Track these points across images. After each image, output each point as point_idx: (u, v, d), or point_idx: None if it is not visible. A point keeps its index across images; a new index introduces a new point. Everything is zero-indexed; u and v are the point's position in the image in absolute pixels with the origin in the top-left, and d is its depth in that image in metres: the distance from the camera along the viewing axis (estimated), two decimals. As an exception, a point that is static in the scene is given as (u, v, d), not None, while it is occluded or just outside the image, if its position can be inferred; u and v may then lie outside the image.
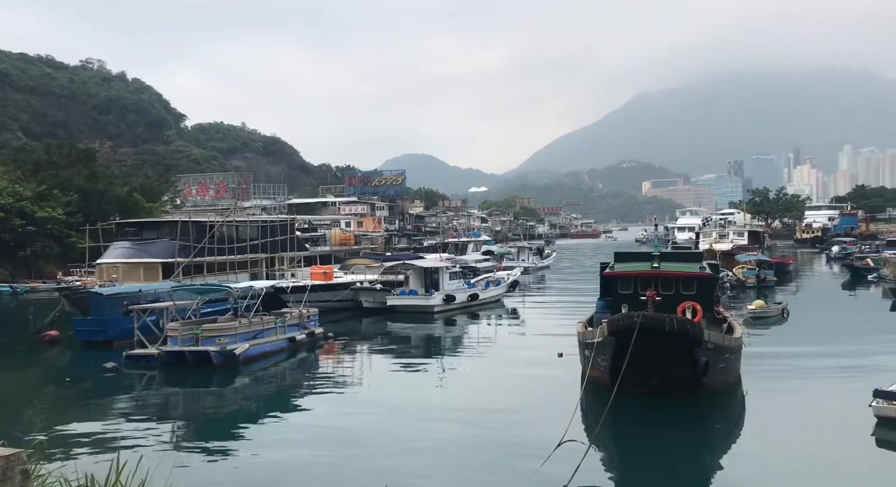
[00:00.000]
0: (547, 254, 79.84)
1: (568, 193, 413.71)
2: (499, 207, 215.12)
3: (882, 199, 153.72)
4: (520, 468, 12.26)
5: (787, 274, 53.15)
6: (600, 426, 13.79)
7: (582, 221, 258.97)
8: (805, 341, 26.83)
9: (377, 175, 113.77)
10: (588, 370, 16.72)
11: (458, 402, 18.07)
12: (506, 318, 35.92)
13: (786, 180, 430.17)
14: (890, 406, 14.65)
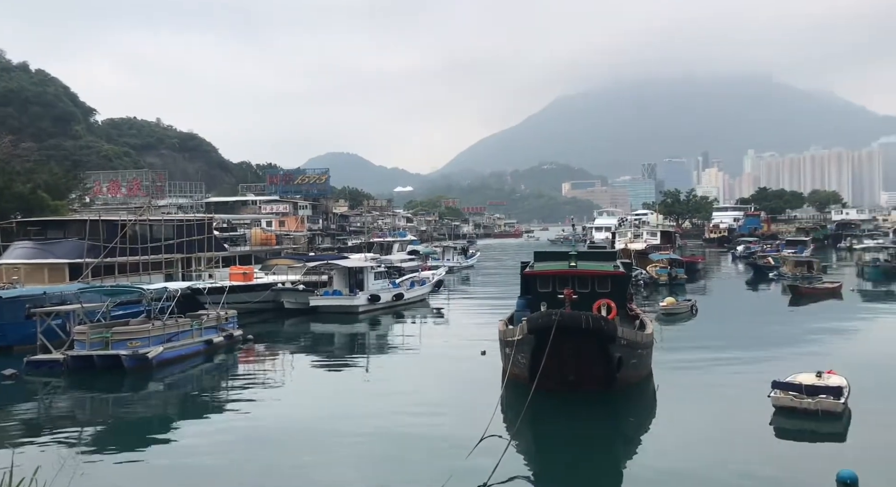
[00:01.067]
0: (471, 254, 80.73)
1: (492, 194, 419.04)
2: (424, 207, 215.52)
3: (782, 201, 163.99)
4: (443, 463, 12.42)
5: (696, 273, 55.81)
6: (520, 421, 14.14)
7: (505, 221, 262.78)
8: (712, 336, 28.29)
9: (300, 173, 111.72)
10: (509, 367, 17.10)
11: (382, 401, 18.09)
12: (430, 318, 36.12)
13: (695, 182, 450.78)
14: (786, 396, 15.69)
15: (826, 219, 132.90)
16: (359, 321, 34.07)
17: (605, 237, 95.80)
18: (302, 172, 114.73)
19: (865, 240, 73.13)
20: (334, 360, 25.47)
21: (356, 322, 33.83)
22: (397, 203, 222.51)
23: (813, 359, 20.12)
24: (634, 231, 78.84)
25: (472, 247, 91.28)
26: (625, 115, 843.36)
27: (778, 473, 12.37)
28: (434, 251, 72.85)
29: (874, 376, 19.01)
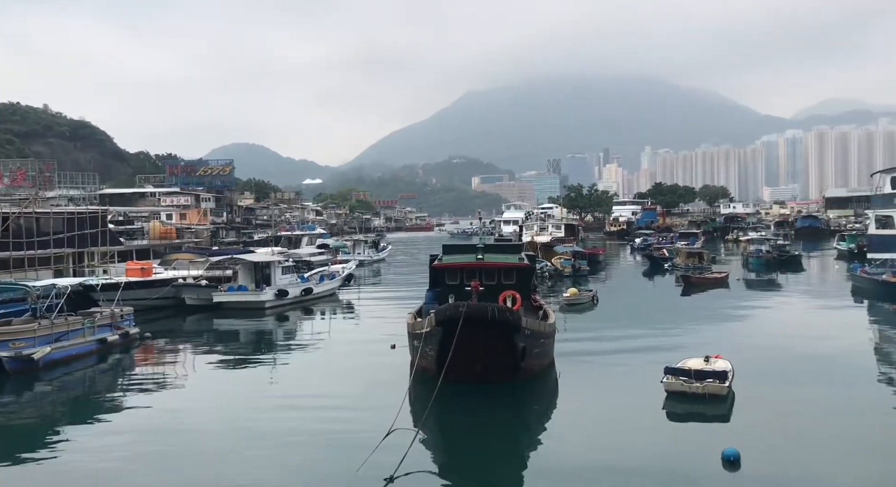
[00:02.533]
0: (382, 247, 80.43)
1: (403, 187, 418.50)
2: (334, 200, 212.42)
3: (676, 195, 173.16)
4: (349, 458, 12.40)
5: (598, 264, 58.01)
6: (427, 413, 14.33)
7: (416, 215, 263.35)
8: (611, 325, 29.56)
9: (202, 164, 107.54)
10: (417, 360, 17.27)
11: (289, 397, 17.86)
12: (341, 312, 35.82)
13: (597, 177, 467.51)
14: (676, 381, 16.68)
15: (715, 213, 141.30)
16: (266, 317, 33.32)
17: (512, 230, 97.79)
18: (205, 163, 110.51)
19: (750, 233, 78.34)
20: (239, 357, 24.82)
21: (263, 318, 33.07)
22: (306, 195, 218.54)
23: (702, 345, 21.40)
24: (540, 224, 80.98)
25: (384, 241, 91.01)
26: (531, 111, 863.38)
27: (669, 454, 13.10)
28: (344, 245, 72.08)
29: (755, 360, 20.47)
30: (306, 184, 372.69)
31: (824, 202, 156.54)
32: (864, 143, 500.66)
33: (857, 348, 23.47)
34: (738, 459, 12.14)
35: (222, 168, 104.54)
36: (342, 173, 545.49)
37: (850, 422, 14.84)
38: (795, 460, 12.63)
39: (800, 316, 32.06)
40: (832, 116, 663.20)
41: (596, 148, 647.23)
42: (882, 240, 41.55)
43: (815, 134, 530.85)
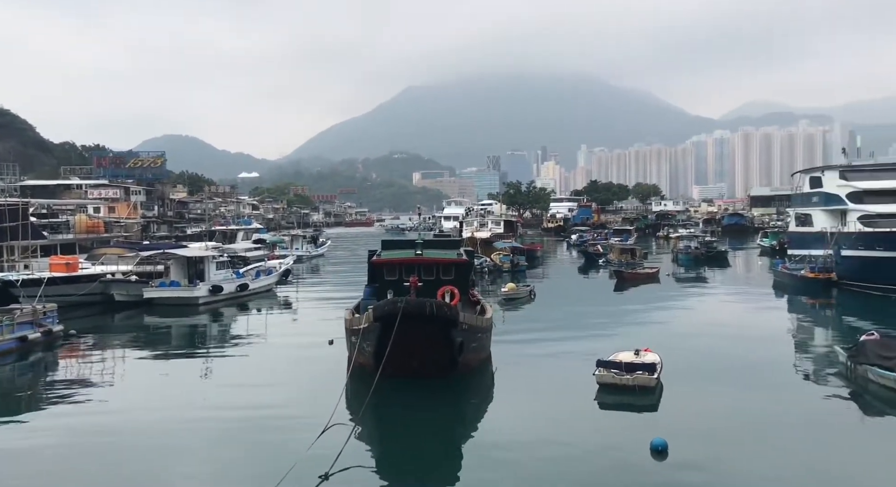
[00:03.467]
0: (321, 243, 79.58)
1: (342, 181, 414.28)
2: (271, 194, 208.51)
3: (610, 193, 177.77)
4: (285, 455, 12.28)
5: (536, 260, 59.02)
6: (364, 409, 14.32)
7: (356, 210, 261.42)
8: (547, 319, 30.19)
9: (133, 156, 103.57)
10: (354, 355, 17.23)
11: (224, 395, 17.53)
12: (277, 308, 35.28)
13: (535, 175, 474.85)
14: (608, 373, 17.19)
15: (648, 210, 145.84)
16: (199, 313, 32.51)
17: (453, 226, 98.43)
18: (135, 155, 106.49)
19: (680, 230, 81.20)
20: (171, 355, 24.17)
21: (196, 314, 32.25)
22: (242, 189, 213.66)
23: (633, 339, 22.12)
24: (480, 220, 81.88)
25: (322, 236, 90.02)
26: (472, 108, 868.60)
27: (600, 444, 13.52)
28: (282, 240, 71.00)
29: (683, 352, 21.28)
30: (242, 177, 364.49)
31: (749, 200, 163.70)
32: (786, 144, 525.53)
33: (777, 340, 24.74)
34: (666, 448, 12.61)
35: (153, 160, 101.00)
36: (280, 167, 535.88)
37: (771, 411, 15.61)
38: (720, 448, 13.19)
39: (725, 309, 33.46)
40: (757, 118, 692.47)
41: (534, 145, 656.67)
42: (801, 238, 43.81)
43: (740, 135, 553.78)
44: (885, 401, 15.93)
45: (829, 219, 39.69)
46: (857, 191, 38.31)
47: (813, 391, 17.63)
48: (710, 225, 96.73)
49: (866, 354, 17.58)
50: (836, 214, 39.41)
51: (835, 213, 39.50)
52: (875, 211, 36.64)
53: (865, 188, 38.20)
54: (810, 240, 41.14)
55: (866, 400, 16.36)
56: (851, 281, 35.32)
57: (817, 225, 40.85)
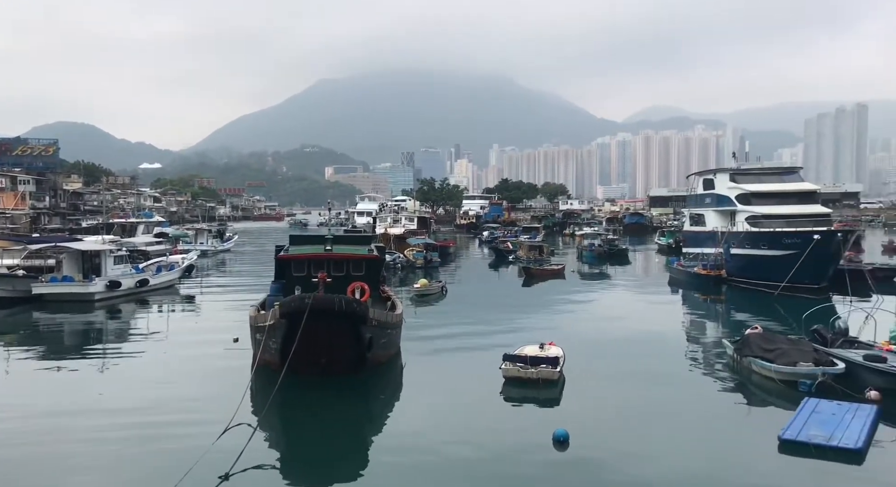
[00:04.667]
0: (228, 237, 77.17)
1: (251, 175, 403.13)
2: (175, 186, 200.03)
3: (520, 191, 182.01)
4: (184, 455, 11.87)
5: (448, 256, 59.59)
6: (268, 408, 14.05)
7: (266, 204, 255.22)
8: (458, 314, 30.53)
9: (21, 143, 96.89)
10: (259, 353, 16.86)
11: (121, 396, 16.71)
12: (180, 305, 33.96)
13: (449, 172, 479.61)
14: (513, 367, 17.64)
15: (555, 209, 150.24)
16: (95, 310, 30.83)
17: (366, 222, 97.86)
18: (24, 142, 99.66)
19: (584, 228, 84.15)
20: (64, 354, 22.82)
21: (91, 311, 30.56)
22: (143, 181, 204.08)
23: (539, 333, 22.81)
24: (394, 216, 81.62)
25: (229, 231, 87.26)
26: (386, 104, 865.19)
27: (505, 437, 13.81)
28: (186, 234, 68.36)
29: (585, 346, 22.09)
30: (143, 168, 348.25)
31: (648, 200, 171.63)
32: (683, 148, 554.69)
33: (671, 333, 26.14)
34: (567, 439, 13.10)
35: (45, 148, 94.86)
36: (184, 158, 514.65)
37: (665, 400, 16.48)
38: (618, 437, 13.81)
39: (625, 304, 34.98)
40: (657, 122, 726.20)
41: (448, 143, 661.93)
42: (695, 236, 46.41)
43: (642, 137, 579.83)
44: (766, 390, 17.15)
45: (720, 219, 42.23)
46: (746, 193, 40.94)
47: (703, 381, 18.74)
48: (613, 223, 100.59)
49: (750, 347, 18.85)
50: (726, 215, 41.97)
51: (725, 214, 42.06)
52: (761, 212, 39.29)
53: (753, 190, 40.88)
54: (703, 239, 43.64)
55: (750, 389, 17.56)
56: (739, 278, 37.73)
57: (709, 224, 43.37)
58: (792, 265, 33.57)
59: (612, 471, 12.09)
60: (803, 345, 18.44)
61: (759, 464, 12.36)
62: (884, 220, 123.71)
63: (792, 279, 33.30)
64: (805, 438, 12.89)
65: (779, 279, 33.74)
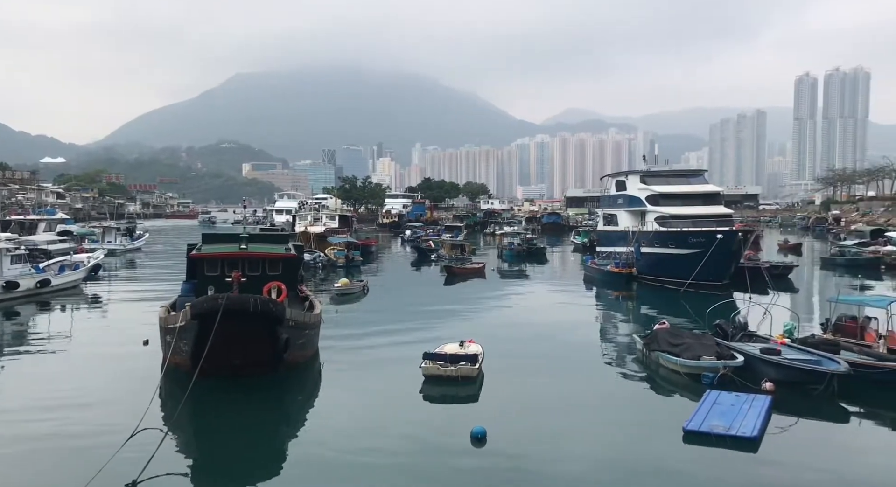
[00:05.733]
0: (138, 236, 73.88)
1: (163, 170, 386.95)
2: (80, 182, 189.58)
3: (442, 191, 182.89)
4: (88, 463, 11.31)
5: (370, 255, 59.26)
6: (179, 411, 13.58)
7: (179, 201, 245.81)
8: (379, 314, 30.42)
9: None
10: (169, 356, 16.25)
11: (21, 401, 15.80)
12: (85, 306, 32.24)
13: (371, 170, 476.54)
14: (433, 365, 17.76)
15: (476, 208, 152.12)
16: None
17: (285, 220, 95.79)
18: None
19: (505, 227, 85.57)
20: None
21: (-16, 314, 28.58)
22: (45, 176, 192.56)
23: (460, 330, 23.10)
24: (314, 214, 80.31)
25: (140, 228, 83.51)
26: (307, 100, 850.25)
27: (423, 435, 13.91)
28: (92, 232, 65.08)
29: (504, 343, 22.48)
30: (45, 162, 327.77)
31: (565, 201, 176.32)
32: (598, 150, 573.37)
33: (586, 329, 27.01)
34: (485, 436, 13.31)
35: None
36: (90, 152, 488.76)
37: (579, 394, 17.04)
38: (534, 432, 14.12)
39: (542, 301, 35.81)
40: (573, 124, 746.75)
41: (371, 141, 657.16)
42: (608, 236, 48.09)
43: (559, 139, 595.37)
44: (672, 383, 18.00)
45: (631, 219, 43.93)
46: (655, 194, 42.78)
47: (614, 375, 19.46)
48: (532, 223, 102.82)
49: (658, 342, 19.73)
50: (637, 215, 43.70)
51: (636, 214, 43.78)
52: (669, 212, 41.14)
53: (661, 191, 42.76)
54: (615, 238, 45.27)
55: (657, 382, 18.37)
56: (649, 276, 39.37)
57: (621, 224, 45.04)
58: (697, 263, 35.34)
59: (527, 465, 12.37)
60: (706, 340, 19.44)
61: (665, 454, 12.97)
62: (780, 221, 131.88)
63: (697, 276, 35.04)
64: (707, 428, 13.62)
65: (685, 276, 35.43)
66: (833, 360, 17.07)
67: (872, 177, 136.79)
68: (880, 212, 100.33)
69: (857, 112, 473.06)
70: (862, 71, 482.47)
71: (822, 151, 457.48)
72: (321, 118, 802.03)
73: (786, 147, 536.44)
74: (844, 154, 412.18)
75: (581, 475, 11.98)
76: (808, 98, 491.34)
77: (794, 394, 16.22)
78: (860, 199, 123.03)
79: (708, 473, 12.17)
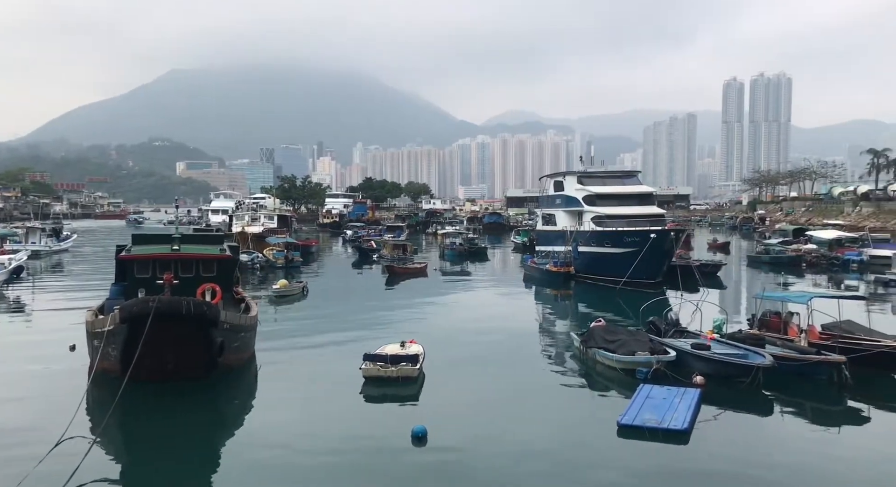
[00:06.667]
0: (65, 237, 70.79)
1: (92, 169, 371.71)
2: (1, 180, 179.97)
3: (384, 190, 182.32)
4: (12, 472, 10.76)
5: (311, 256, 58.39)
6: (108, 418, 13.06)
7: (110, 201, 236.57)
8: (319, 315, 30.05)
9: None
10: (97, 361, 15.61)
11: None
12: (6, 311, 30.68)
13: (311, 169, 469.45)
14: (374, 366, 17.67)
15: (419, 208, 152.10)
16: None
17: (222, 220, 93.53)
18: None
19: (447, 227, 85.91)
20: None
21: None
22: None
23: (401, 331, 23.08)
24: (252, 214, 78.75)
25: (67, 229, 79.97)
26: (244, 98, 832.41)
27: (363, 436, 13.79)
28: (14, 233, 61.89)
29: (445, 342, 22.57)
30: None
31: (506, 201, 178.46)
32: (537, 151, 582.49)
33: (525, 328, 27.38)
34: (426, 435, 13.33)
35: None
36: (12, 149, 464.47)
37: (518, 393, 17.21)
38: (474, 430, 14.22)
39: (483, 301, 36.11)
40: (514, 125, 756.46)
41: (310, 140, 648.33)
42: (546, 235, 48.89)
43: (499, 140, 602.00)
44: (608, 379, 18.43)
45: (569, 219, 44.78)
46: (591, 194, 43.75)
47: (552, 373, 19.79)
48: (473, 223, 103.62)
49: (595, 338, 20.18)
50: (574, 215, 44.59)
51: (573, 214, 44.67)
52: (604, 212, 42.13)
53: (597, 192, 43.76)
54: (554, 238, 46.07)
55: (594, 378, 18.79)
56: (586, 275, 40.21)
57: (560, 224, 45.86)
58: (632, 261, 36.32)
59: (468, 462, 12.47)
60: (640, 336, 20.01)
61: (601, 448, 13.29)
62: (710, 220, 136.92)
63: (632, 274, 36.01)
64: (640, 422, 14.02)
65: (620, 274, 36.36)
66: (759, 354, 17.85)
67: (794, 178, 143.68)
68: (802, 212, 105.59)
69: (781, 116, 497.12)
70: (784, 77, 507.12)
71: (748, 153, 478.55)
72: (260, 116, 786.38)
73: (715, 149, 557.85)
74: (769, 156, 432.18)
75: (520, 470, 12.14)
76: (736, 102, 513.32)
77: (722, 387, 16.86)
78: (784, 200, 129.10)
79: (641, 465, 12.52)
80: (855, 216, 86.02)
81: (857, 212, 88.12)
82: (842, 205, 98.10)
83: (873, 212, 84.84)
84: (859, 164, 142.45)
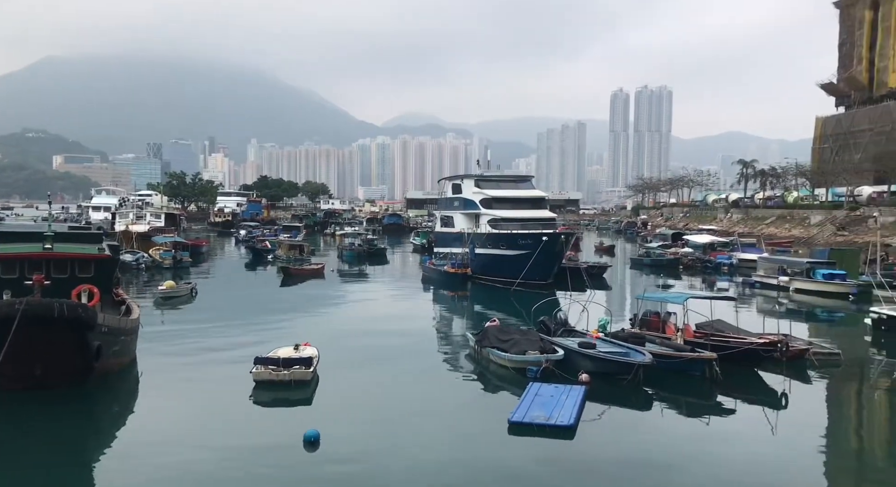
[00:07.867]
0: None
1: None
2: None
3: (281, 189, 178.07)
4: None
5: (201, 256, 56.13)
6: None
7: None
8: (208, 318, 28.88)
9: None
10: (-45, 369, 14.25)
11: None
12: None
13: (202, 166, 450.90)
14: (265, 370, 17.21)
15: (317, 208, 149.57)
16: None
17: (104, 217, 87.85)
18: None
19: (346, 227, 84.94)
20: None
21: None
22: None
23: (296, 334, 22.53)
24: (137, 212, 74.65)
25: (-82, 226, 72.44)
26: (129, 89, 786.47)
27: (253, 442, 13.42)
28: None
29: (341, 344, 22.39)
30: None
31: (406, 202, 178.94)
32: (437, 153, 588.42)
33: (422, 329, 27.56)
34: (318, 439, 13.11)
35: None
36: None
37: (414, 393, 17.36)
38: (367, 432, 14.18)
39: (381, 302, 36.01)
40: (414, 127, 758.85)
41: (201, 135, 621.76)
42: (444, 237, 49.47)
43: (399, 142, 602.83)
44: (501, 378, 18.88)
45: (466, 222, 45.55)
46: (488, 197, 44.71)
47: (447, 373, 20.03)
48: (373, 224, 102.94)
49: (489, 338, 20.61)
50: (471, 217, 45.40)
51: (471, 216, 45.48)
52: (500, 215, 43.17)
53: (494, 195, 44.79)
54: (451, 240, 46.68)
55: (487, 377, 19.18)
56: (482, 276, 41.00)
57: (457, 226, 46.54)
58: (525, 263, 37.40)
59: (361, 465, 12.42)
60: (532, 335, 20.63)
61: (492, 445, 13.59)
62: (597, 224, 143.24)
63: (525, 276, 37.07)
64: (529, 419, 14.47)
65: (514, 276, 37.34)
66: (640, 352, 18.87)
67: (674, 185, 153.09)
68: (680, 217, 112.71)
69: (662, 126, 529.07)
70: (665, 89, 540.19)
71: (633, 161, 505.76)
72: (146, 110, 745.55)
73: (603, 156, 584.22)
74: (652, 164, 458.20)
75: (413, 472, 12.21)
76: (622, 112, 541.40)
77: (606, 384, 17.69)
78: (664, 206, 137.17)
79: (529, 460, 12.91)
80: (727, 222, 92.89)
81: (729, 218, 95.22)
82: (715, 211, 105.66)
83: (742, 219, 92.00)
84: (731, 173, 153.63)
